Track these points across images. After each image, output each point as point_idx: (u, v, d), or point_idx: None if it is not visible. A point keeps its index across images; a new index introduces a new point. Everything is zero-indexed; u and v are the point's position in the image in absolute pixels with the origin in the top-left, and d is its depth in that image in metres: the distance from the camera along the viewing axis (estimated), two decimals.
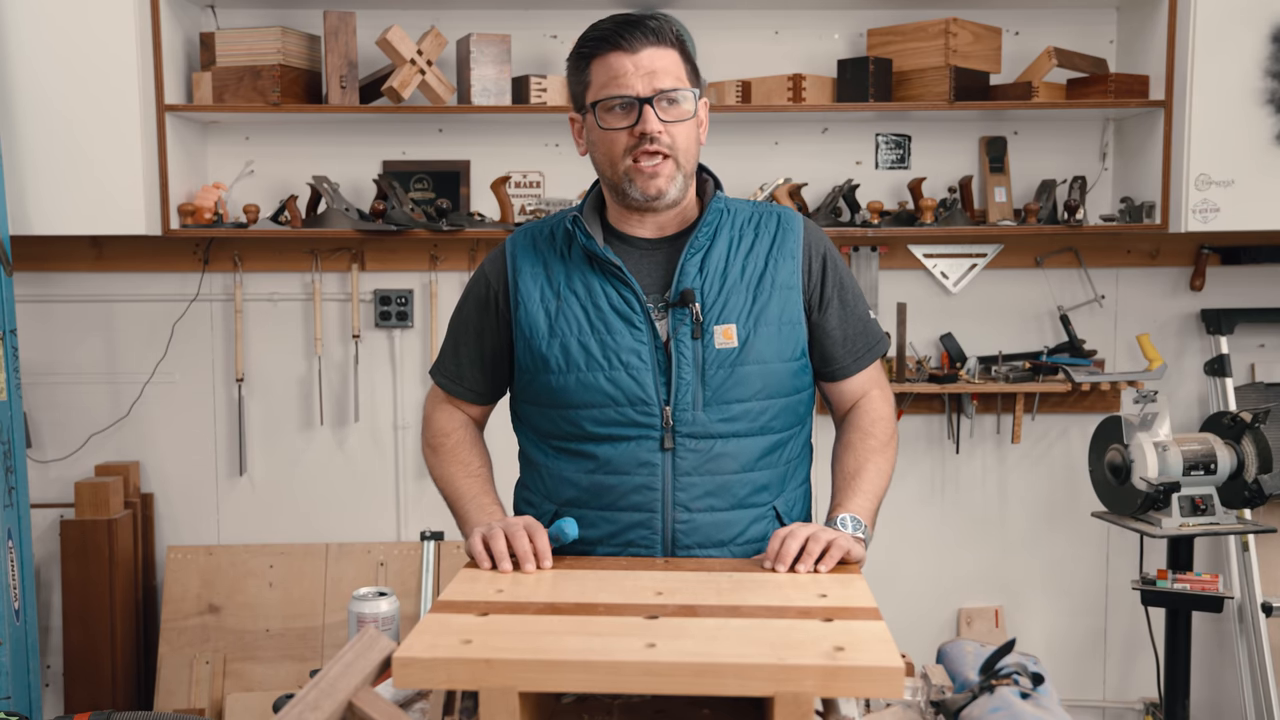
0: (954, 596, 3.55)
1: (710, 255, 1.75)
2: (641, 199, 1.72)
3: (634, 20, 1.70)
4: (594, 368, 1.72)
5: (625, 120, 1.69)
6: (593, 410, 1.73)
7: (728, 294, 1.73)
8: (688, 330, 1.71)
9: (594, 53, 1.71)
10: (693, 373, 1.71)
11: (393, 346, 3.46)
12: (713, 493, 1.73)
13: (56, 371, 3.42)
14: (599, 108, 1.70)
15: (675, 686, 1.21)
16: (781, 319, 1.75)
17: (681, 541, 1.73)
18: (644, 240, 1.79)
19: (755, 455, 1.75)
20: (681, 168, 1.72)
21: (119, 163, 3.02)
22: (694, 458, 1.72)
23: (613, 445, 1.73)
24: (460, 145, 3.39)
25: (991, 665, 1.40)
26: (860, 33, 3.36)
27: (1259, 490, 2.95)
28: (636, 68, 1.67)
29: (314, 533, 3.46)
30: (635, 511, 1.73)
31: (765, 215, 1.82)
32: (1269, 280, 3.48)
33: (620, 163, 1.71)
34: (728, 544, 1.74)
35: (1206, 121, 3.09)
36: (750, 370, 1.72)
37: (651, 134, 1.67)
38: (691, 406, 1.71)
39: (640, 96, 1.67)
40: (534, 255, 1.81)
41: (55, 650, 3.40)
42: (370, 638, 1.36)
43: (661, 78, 1.68)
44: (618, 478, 1.73)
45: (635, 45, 1.68)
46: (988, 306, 3.47)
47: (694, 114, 1.72)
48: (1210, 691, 3.55)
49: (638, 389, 1.71)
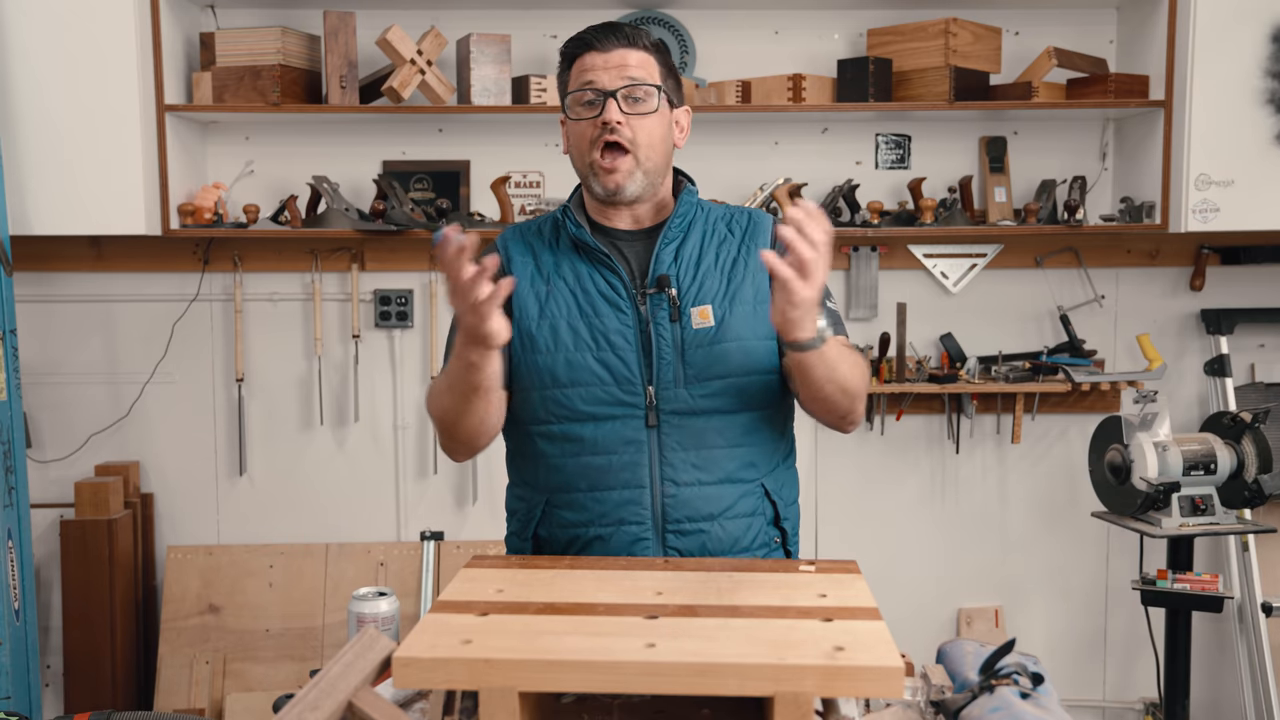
0: (954, 596, 3.55)
1: (684, 246, 1.83)
2: (603, 193, 1.80)
3: (611, 25, 1.83)
4: (582, 348, 1.78)
5: (591, 112, 1.78)
6: (580, 389, 1.77)
7: (703, 278, 1.80)
8: (666, 314, 1.78)
9: (575, 54, 1.83)
10: (673, 352, 1.77)
11: (393, 346, 3.46)
12: (699, 466, 1.77)
13: (56, 371, 3.42)
14: (570, 100, 1.82)
15: (675, 686, 1.21)
16: (756, 299, 1.80)
17: (671, 516, 1.76)
18: (622, 231, 1.86)
19: (739, 430, 1.79)
20: (641, 164, 1.78)
21: (119, 163, 3.02)
22: (678, 434, 1.76)
23: (598, 425, 1.77)
24: (460, 145, 3.39)
25: (991, 665, 1.40)
26: (860, 33, 3.36)
27: (1259, 490, 2.95)
28: (606, 64, 1.78)
29: (314, 533, 3.47)
30: (625, 489, 1.76)
31: (737, 214, 1.91)
32: (1269, 280, 3.48)
33: (587, 155, 1.80)
34: (717, 518, 1.78)
35: (1206, 121, 3.09)
36: (728, 348, 1.77)
37: (611, 124, 1.75)
38: (673, 384, 1.76)
39: (604, 89, 1.77)
40: (524, 246, 1.89)
41: (55, 650, 3.40)
42: (370, 638, 1.36)
43: (629, 73, 1.78)
44: (605, 457, 1.77)
45: (607, 45, 1.79)
46: (988, 306, 3.47)
47: (656, 109, 1.79)
48: (1210, 691, 3.55)
49: (624, 368, 1.77)
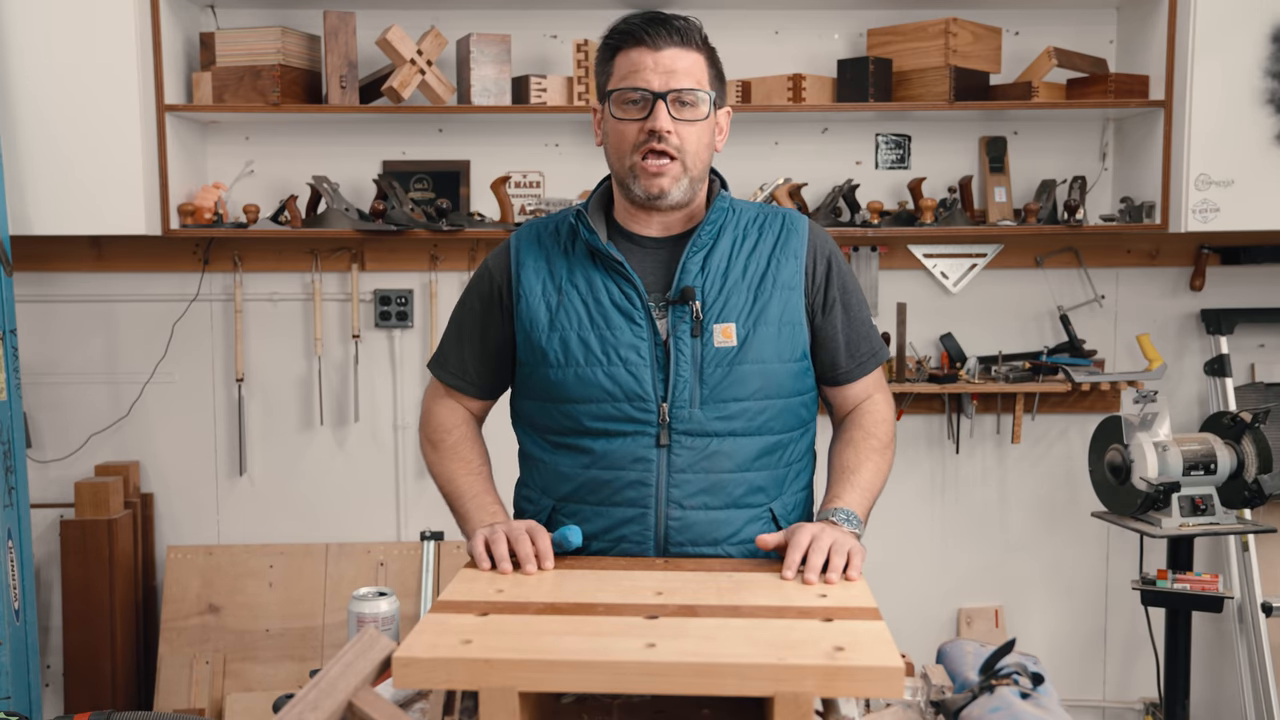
0: (954, 596, 3.55)
1: (713, 254, 1.75)
2: (644, 196, 1.72)
3: (663, 19, 1.71)
4: (593, 363, 1.72)
5: (637, 114, 1.70)
6: (590, 405, 1.73)
7: (728, 293, 1.73)
8: (687, 328, 1.71)
9: (619, 45, 1.73)
10: (690, 370, 1.71)
11: (393, 346, 3.46)
12: (707, 490, 1.72)
13: (56, 371, 3.42)
14: (614, 98, 1.72)
15: (675, 686, 1.21)
16: (782, 319, 1.74)
17: (674, 539, 1.72)
18: (648, 239, 1.79)
19: (752, 455, 1.74)
20: (688, 171, 1.71)
21: (119, 163, 3.02)
22: (689, 455, 1.71)
23: (609, 440, 1.73)
24: (460, 145, 3.39)
25: (991, 665, 1.40)
26: (860, 33, 3.36)
27: (1259, 490, 2.95)
28: (656, 64, 1.69)
29: (314, 533, 3.46)
30: (629, 507, 1.72)
31: (770, 216, 1.82)
32: (1269, 280, 3.48)
33: (628, 157, 1.71)
34: (721, 543, 1.73)
35: (1206, 121, 3.09)
36: (748, 370, 1.72)
37: (660, 131, 1.68)
38: (688, 404, 1.71)
39: (655, 92, 1.68)
40: (538, 250, 1.81)
41: (55, 650, 3.40)
42: (370, 638, 1.36)
43: (680, 78, 1.69)
44: (613, 473, 1.73)
45: (659, 43, 1.69)
46: (988, 306, 3.47)
47: (706, 117, 1.72)
48: (1210, 691, 3.55)
49: (635, 385, 1.71)
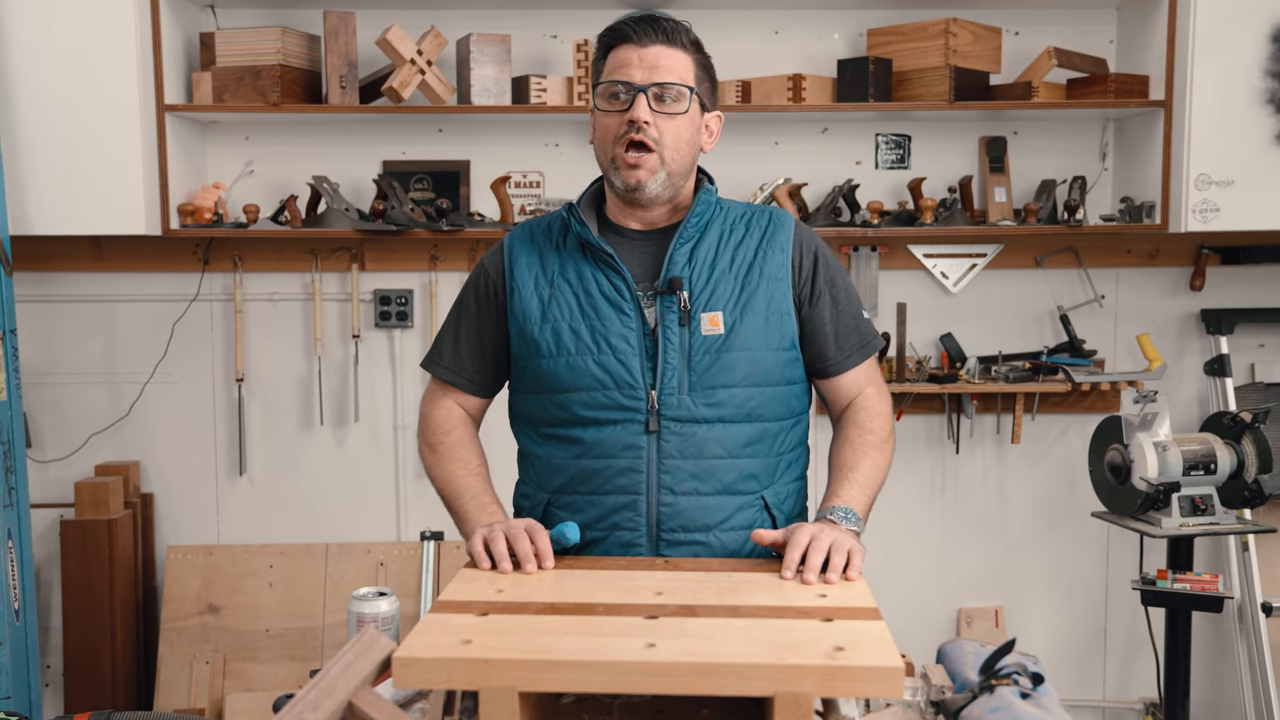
0: (954, 596, 3.55)
1: (700, 246, 1.80)
2: (622, 188, 1.77)
3: (652, 19, 1.77)
4: (583, 352, 1.76)
5: (620, 106, 1.75)
6: (581, 394, 1.76)
7: (715, 283, 1.77)
8: (675, 317, 1.75)
9: (611, 44, 1.79)
10: (679, 358, 1.74)
11: (393, 346, 3.46)
12: (697, 476, 1.75)
13: (56, 371, 3.42)
14: (600, 91, 1.78)
15: (675, 686, 1.21)
16: (769, 309, 1.78)
17: (666, 524, 1.75)
18: (637, 232, 1.83)
19: (741, 441, 1.77)
20: (666, 164, 1.75)
21: (119, 163, 3.02)
22: (678, 441, 1.74)
23: (599, 429, 1.76)
24: (460, 145, 3.39)
25: (991, 665, 1.40)
26: (860, 33, 3.36)
27: (1259, 490, 2.95)
28: (641, 60, 1.75)
29: (314, 533, 3.46)
30: (620, 494, 1.75)
31: (757, 213, 1.87)
32: (1269, 280, 3.48)
33: (610, 149, 1.77)
34: (713, 529, 1.76)
35: (1206, 121, 3.09)
36: (736, 357, 1.75)
37: (638, 121, 1.72)
38: (677, 390, 1.74)
39: (636, 85, 1.73)
40: (530, 246, 1.86)
41: (55, 650, 3.40)
42: (370, 638, 1.36)
43: (662, 73, 1.74)
44: (603, 461, 1.76)
45: (645, 40, 1.76)
46: (988, 306, 3.47)
47: (686, 111, 1.76)
48: (1210, 691, 3.55)
49: (625, 372, 1.75)
